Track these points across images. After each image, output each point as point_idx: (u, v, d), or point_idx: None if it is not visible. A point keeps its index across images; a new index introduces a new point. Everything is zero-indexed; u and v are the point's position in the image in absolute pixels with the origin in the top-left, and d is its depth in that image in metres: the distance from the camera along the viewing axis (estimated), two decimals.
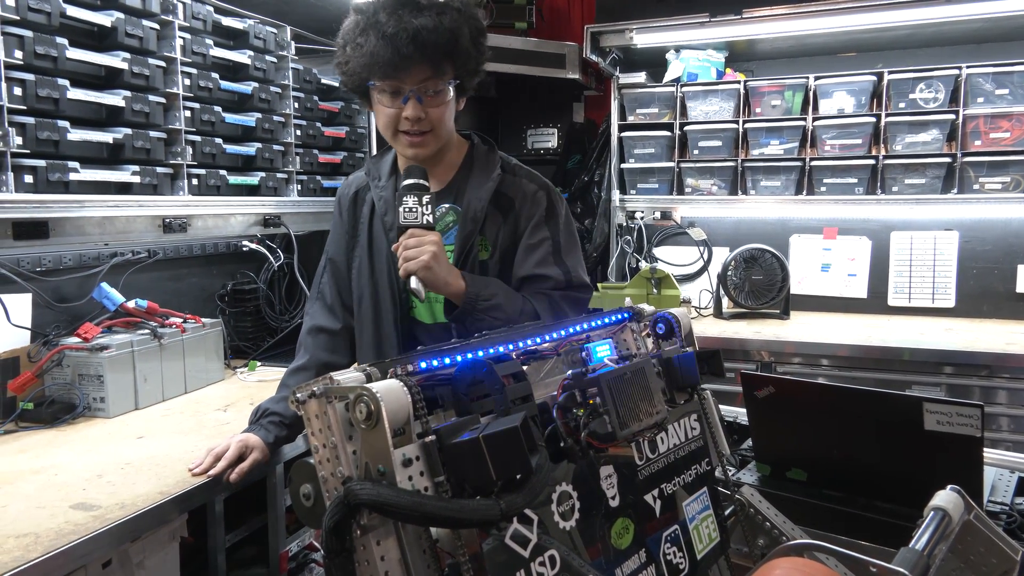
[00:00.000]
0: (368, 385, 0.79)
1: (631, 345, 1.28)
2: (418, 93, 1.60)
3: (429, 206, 1.56)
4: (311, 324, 1.92)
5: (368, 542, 0.80)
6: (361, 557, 0.80)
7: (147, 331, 2.42)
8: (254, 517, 2.21)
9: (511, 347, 1.03)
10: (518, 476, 0.82)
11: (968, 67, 3.36)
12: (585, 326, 1.21)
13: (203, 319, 2.65)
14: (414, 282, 1.54)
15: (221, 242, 3.15)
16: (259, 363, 2.89)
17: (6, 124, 1.91)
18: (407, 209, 1.55)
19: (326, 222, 3.31)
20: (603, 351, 1.15)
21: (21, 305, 2.26)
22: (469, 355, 0.96)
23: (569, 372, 1.00)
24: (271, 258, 3.07)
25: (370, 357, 1.81)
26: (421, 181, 1.57)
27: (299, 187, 3.05)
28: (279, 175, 2.94)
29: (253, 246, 3.00)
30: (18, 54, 1.95)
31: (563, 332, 1.15)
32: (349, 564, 0.80)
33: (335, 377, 0.84)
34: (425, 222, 1.55)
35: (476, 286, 1.61)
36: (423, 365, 0.92)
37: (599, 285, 3.84)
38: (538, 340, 1.11)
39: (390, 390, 0.80)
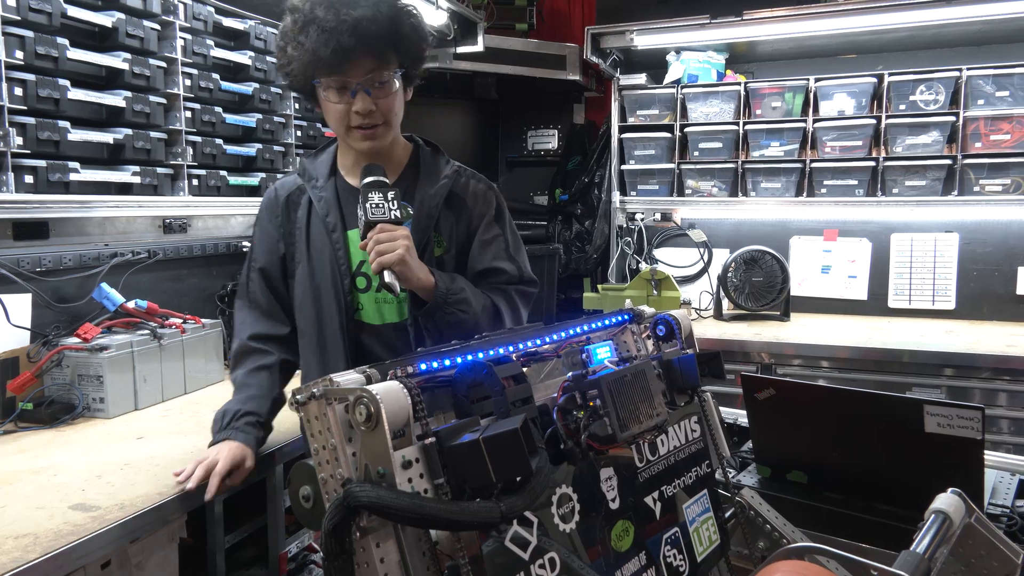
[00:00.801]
0: (368, 387, 0.79)
1: (631, 347, 1.28)
2: (365, 86, 1.58)
3: (395, 201, 1.56)
4: (252, 332, 1.84)
5: (368, 544, 0.79)
6: (361, 559, 0.80)
7: (147, 332, 2.41)
8: (253, 518, 2.21)
9: (511, 349, 1.03)
10: (518, 478, 0.82)
11: (968, 69, 3.36)
12: (585, 328, 1.21)
13: (202, 320, 2.65)
14: (388, 276, 1.53)
15: (220, 243, 3.15)
16: None
17: (7, 124, 1.91)
18: (374, 205, 1.54)
19: None
20: (603, 353, 1.15)
21: (21, 305, 2.25)
22: (469, 357, 0.95)
23: (569, 374, 1.00)
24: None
25: (312, 364, 1.77)
26: (382, 178, 1.57)
27: None
28: (280, 176, 2.94)
29: None
30: (19, 54, 1.96)
31: (563, 334, 1.15)
32: (348, 566, 0.80)
33: (335, 379, 0.83)
34: (393, 217, 1.55)
35: (445, 281, 1.63)
36: (423, 367, 0.92)
37: (599, 287, 3.84)
38: (538, 342, 1.11)
39: (390, 392, 0.79)
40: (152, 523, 1.61)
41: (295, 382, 1.89)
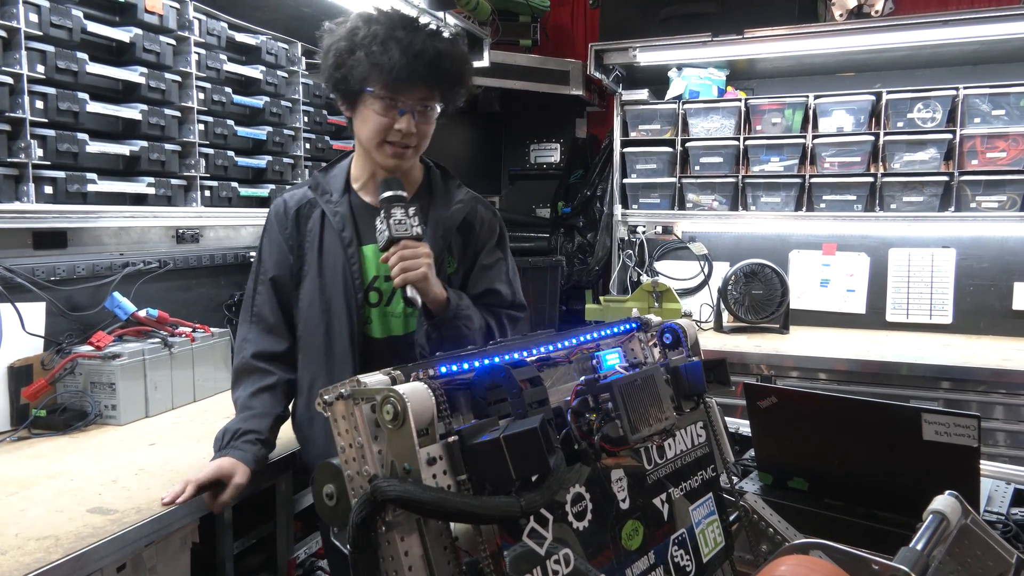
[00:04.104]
0: (395, 387, 0.83)
1: (639, 354, 1.32)
2: (414, 108, 1.66)
3: (416, 217, 1.61)
4: (256, 350, 1.82)
5: (393, 538, 0.83)
6: (386, 553, 0.84)
7: (158, 340, 2.45)
8: (262, 524, 2.24)
9: (526, 354, 1.08)
10: (536, 476, 0.86)
11: (965, 88, 3.42)
12: (595, 335, 1.25)
13: (211, 329, 2.69)
14: (410, 291, 1.60)
15: (229, 253, 3.19)
16: None
17: (28, 136, 1.96)
18: (396, 221, 1.59)
19: None
20: (613, 359, 1.19)
21: (35, 313, 2.29)
22: (487, 361, 1.00)
23: (582, 378, 1.04)
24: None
25: (320, 375, 1.78)
26: (401, 192, 1.63)
27: None
28: (289, 187, 2.99)
29: None
30: (40, 68, 2.01)
31: (574, 340, 1.19)
32: (374, 559, 0.84)
33: (362, 379, 0.88)
34: (415, 233, 1.60)
35: (454, 297, 1.70)
36: (443, 370, 0.96)
37: (601, 298, 3.89)
38: (551, 348, 1.15)
39: (416, 392, 0.84)
40: (168, 526, 1.64)
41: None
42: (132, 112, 2.28)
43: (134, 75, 2.29)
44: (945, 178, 3.46)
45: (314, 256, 1.79)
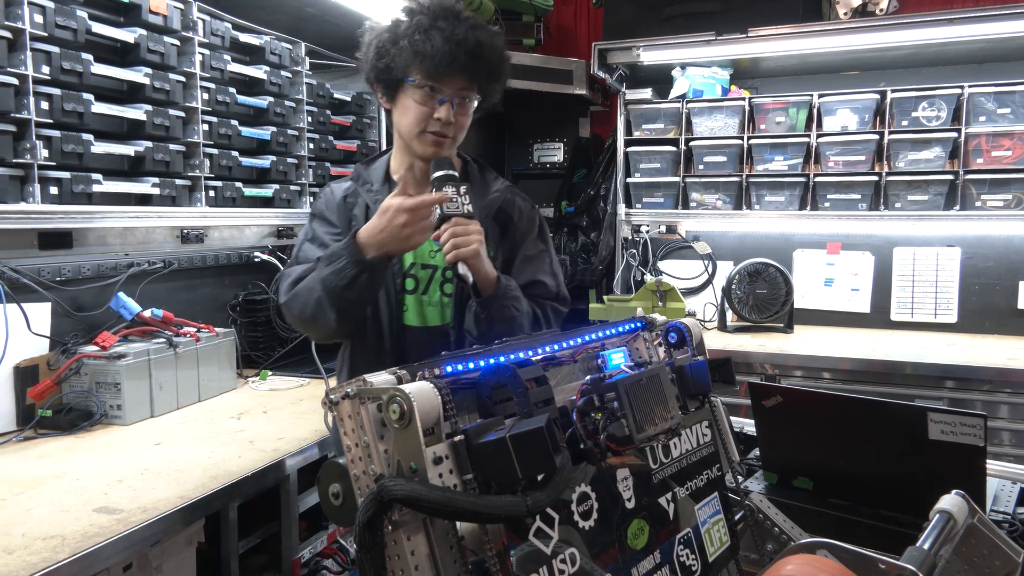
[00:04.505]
0: (401, 387, 0.83)
1: (644, 353, 1.32)
2: (454, 97, 1.68)
3: (467, 196, 1.63)
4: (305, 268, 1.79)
5: (399, 537, 0.83)
6: (392, 552, 0.84)
7: (163, 340, 2.46)
8: (267, 524, 2.25)
9: (531, 353, 1.08)
10: (541, 476, 0.86)
11: (970, 86, 3.41)
12: (600, 335, 1.25)
13: (216, 329, 2.70)
14: (462, 268, 1.60)
15: (233, 253, 3.20)
16: (270, 372, 2.94)
17: (33, 137, 1.96)
18: (448, 199, 1.60)
19: None
20: (618, 358, 1.19)
21: (41, 314, 2.30)
22: (492, 360, 1.00)
23: (587, 377, 1.04)
24: (282, 269, 3.11)
25: (369, 360, 1.76)
26: (452, 172, 1.64)
27: (312, 199, 3.10)
28: (292, 187, 2.99)
29: (265, 257, 3.04)
30: (45, 69, 2.01)
31: (580, 340, 1.19)
32: (380, 558, 0.84)
33: (368, 379, 0.88)
34: (466, 211, 1.61)
35: (504, 277, 1.71)
36: (449, 369, 0.96)
37: (605, 298, 3.88)
38: (556, 347, 1.15)
39: (422, 391, 0.84)
40: (174, 526, 1.65)
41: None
42: (137, 112, 2.28)
43: (139, 76, 2.29)
44: (950, 177, 3.45)
45: None
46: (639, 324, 1.33)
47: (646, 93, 4.07)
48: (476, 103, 1.75)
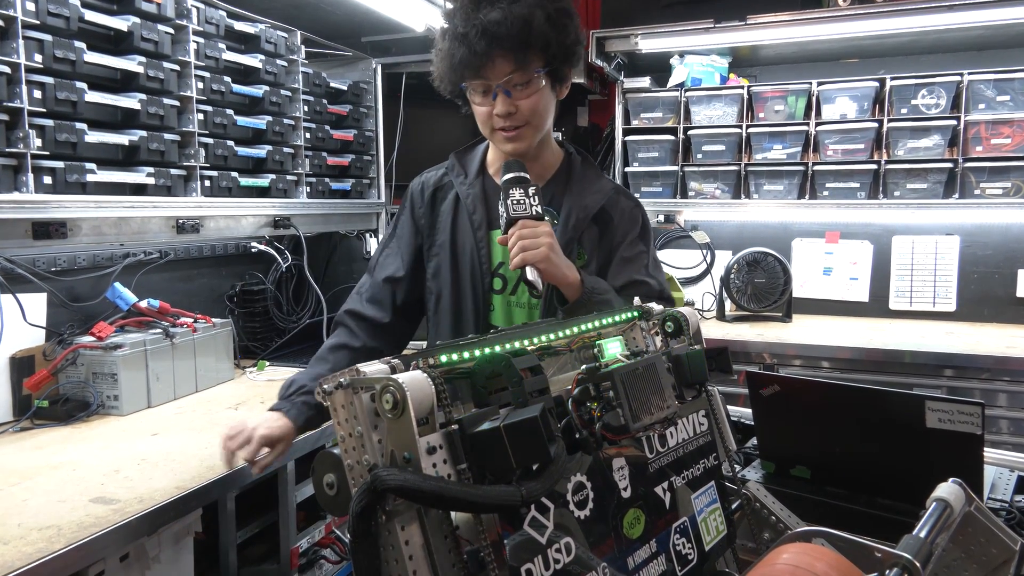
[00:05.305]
0: (394, 376, 0.83)
1: (640, 343, 1.32)
2: (505, 87, 1.57)
3: (536, 197, 1.54)
4: (352, 308, 1.83)
5: (393, 527, 0.83)
6: (386, 542, 0.83)
7: (159, 331, 2.46)
8: (265, 514, 2.25)
9: (527, 342, 1.07)
10: (536, 465, 0.85)
11: (970, 74, 3.40)
12: (596, 324, 1.24)
13: (213, 319, 2.69)
14: (531, 273, 1.51)
15: (230, 243, 3.19)
16: (268, 363, 2.93)
17: (26, 126, 1.95)
18: (515, 201, 1.52)
19: (334, 224, 3.37)
20: (614, 348, 1.18)
21: (37, 304, 2.29)
22: (487, 350, 0.99)
23: (583, 367, 1.03)
24: (279, 259, 3.11)
25: None
26: (522, 174, 1.55)
27: (308, 189, 3.08)
28: (289, 177, 2.98)
29: (262, 247, 3.04)
30: (38, 58, 2.00)
31: (575, 329, 1.19)
32: (374, 548, 0.83)
33: (361, 368, 0.87)
34: (535, 212, 1.52)
35: (590, 280, 1.60)
36: (444, 359, 0.95)
37: None
38: (551, 336, 1.15)
39: (415, 381, 0.83)
40: (170, 516, 1.65)
41: None
42: (131, 101, 2.27)
43: (132, 64, 2.27)
44: (949, 165, 3.44)
45: (446, 237, 1.76)
46: (636, 313, 1.32)
47: (644, 82, 4.05)
48: (542, 76, 1.59)
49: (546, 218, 1.56)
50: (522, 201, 1.53)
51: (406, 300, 1.82)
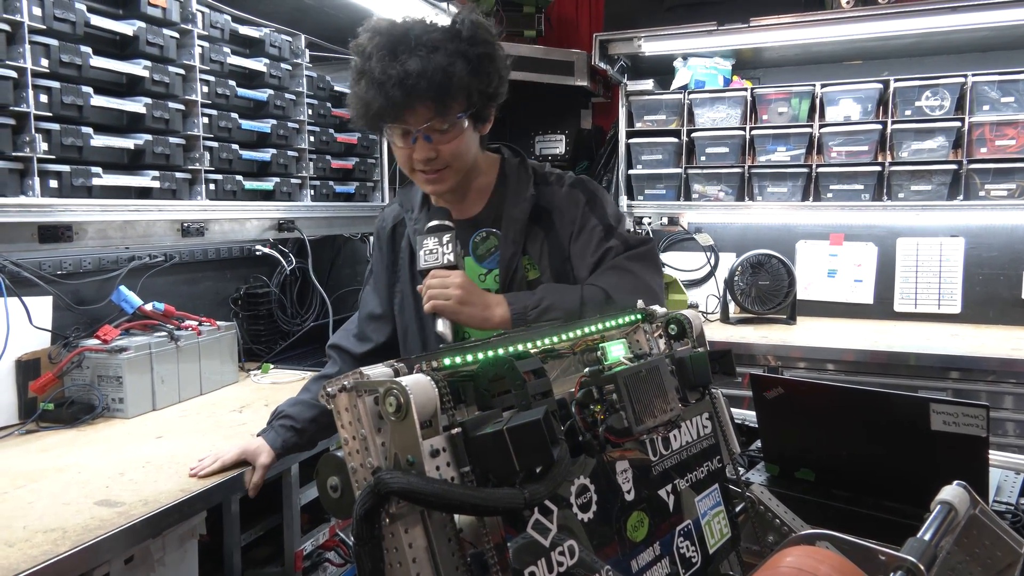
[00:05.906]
0: (398, 379, 0.83)
1: (644, 345, 1.32)
2: (425, 133, 1.52)
3: (449, 244, 1.52)
4: (337, 342, 1.91)
5: (396, 530, 0.83)
6: (389, 544, 0.83)
7: (164, 333, 2.46)
8: (269, 516, 2.25)
9: (530, 345, 1.07)
10: (539, 468, 0.85)
11: (974, 75, 3.39)
12: (599, 326, 1.24)
13: (217, 322, 2.70)
14: (440, 325, 1.52)
15: (235, 246, 3.20)
16: (272, 366, 2.94)
17: (33, 130, 1.96)
18: (427, 251, 1.53)
19: (339, 227, 3.37)
20: (617, 350, 1.18)
21: (42, 307, 2.30)
22: (491, 352, 0.99)
23: (586, 369, 1.03)
24: (283, 262, 3.12)
25: None
26: (443, 222, 1.54)
27: (312, 192, 3.09)
28: (293, 180, 2.99)
29: (266, 250, 3.04)
30: (44, 62, 2.00)
31: (579, 332, 1.19)
32: (378, 551, 0.83)
33: (365, 371, 0.87)
34: (446, 262, 1.52)
35: (519, 302, 1.56)
36: (447, 362, 0.96)
37: None
38: (555, 339, 1.15)
39: (418, 384, 0.83)
40: (175, 519, 1.65)
41: None
42: (136, 105, 2.28)
43: (138, 68, 2.28)
44: (954, 166, 3.43)
45: (407, 274, 1.76)
46: (639, 316, 1.32)
47: (648, 84, 4.05)
48: (462, 119, 1.54)
49: (461, 264, 1.56)
50: (434, 251, 1.53)
51: (391, 334, 1.85)
